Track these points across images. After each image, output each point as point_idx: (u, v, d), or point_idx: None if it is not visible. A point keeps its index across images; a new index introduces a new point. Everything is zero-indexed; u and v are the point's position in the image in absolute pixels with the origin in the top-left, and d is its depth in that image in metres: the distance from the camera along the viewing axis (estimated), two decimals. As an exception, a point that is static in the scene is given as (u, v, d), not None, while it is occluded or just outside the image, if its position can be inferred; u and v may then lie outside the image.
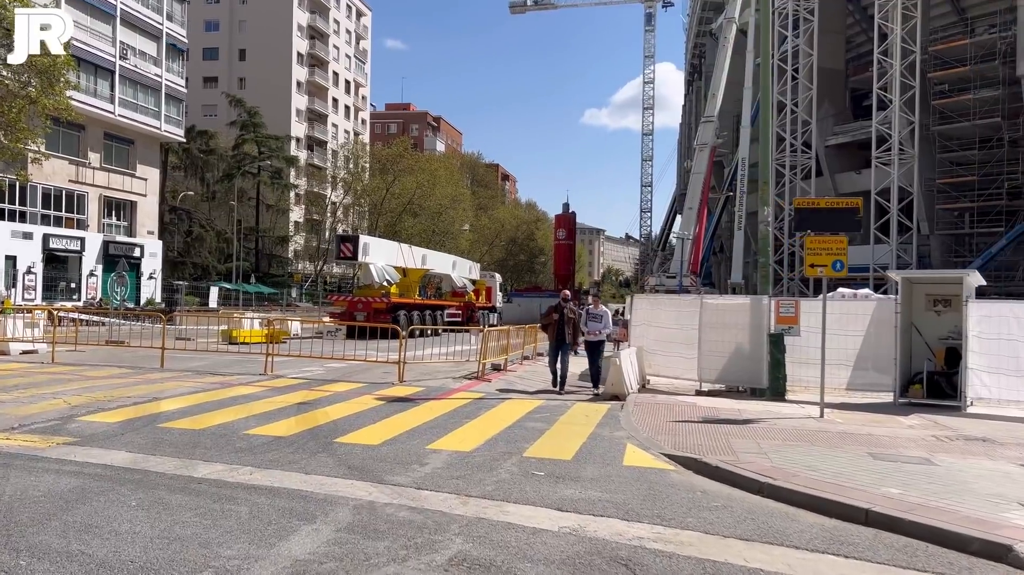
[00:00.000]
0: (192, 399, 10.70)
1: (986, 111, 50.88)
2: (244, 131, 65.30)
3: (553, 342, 13.90)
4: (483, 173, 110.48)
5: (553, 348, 13.91)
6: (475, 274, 42.94)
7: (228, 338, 21.76)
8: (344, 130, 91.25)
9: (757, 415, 11.05)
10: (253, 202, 65.97)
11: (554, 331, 13.83)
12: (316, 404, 10.70)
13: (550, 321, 13.96)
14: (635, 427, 9.72)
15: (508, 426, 9.46)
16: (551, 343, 14.00)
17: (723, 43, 52.99)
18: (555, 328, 13.80)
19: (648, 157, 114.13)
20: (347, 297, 32.19)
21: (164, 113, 44.66)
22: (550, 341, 14.04)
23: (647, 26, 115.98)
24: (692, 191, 47.87)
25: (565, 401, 12.26)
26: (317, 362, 15.61)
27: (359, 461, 7.17)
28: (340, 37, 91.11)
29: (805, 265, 11.23)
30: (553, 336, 13.86)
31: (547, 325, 14.11)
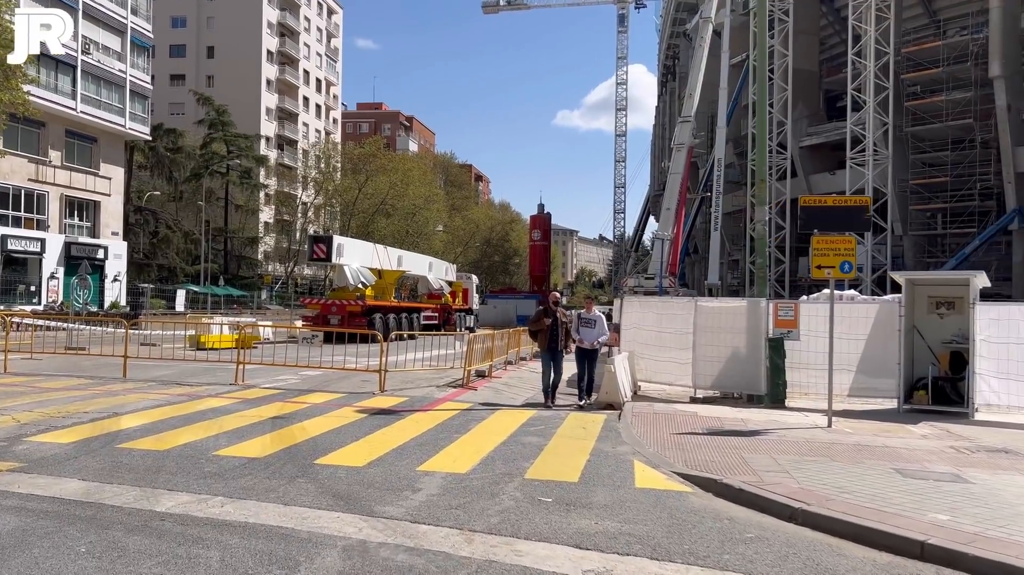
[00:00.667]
0: (156, 414, 9.83)
1: (958, 112, 51.14)
2: (212, 130, 63.83)
3: (545, 351, 12.29)
4: (456, 173, 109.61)
5: (546, 358, 12.30)
6: (451, 275, 42.14)
7: (196, 344, 20.79)
8: (315, 129, 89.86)
9: (763, 425, 10.44)
10: (222, 202, 64.49)
11: (546, 338, 12.18)
12: (292, 418, 9.89)
13: (541, 327, 12.25)
14: (638, 441, 9.06)
15: (503, 441, 8.75)
16: (543, 352, 12.41)
17: (699, 43, 52.62)
18: (547, 335, 12.16)
19: (621, 158, 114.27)
20: (320, 300, 31.24)
21: (129, 110, 43.30)
22: (541, 350, 12.46)
23: (620, 27, 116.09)
24: (670, 191, 47.46)
25: (557, 412, 11.56)
26: (291, 370, 14.74)
27: (344, 487, 6.40)
28: (311, 35, 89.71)
29: (811, 266, 10.65)
30: (545, 344, 12.23)
31: (537, 331, 12.45)
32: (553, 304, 12.63)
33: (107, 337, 19.82)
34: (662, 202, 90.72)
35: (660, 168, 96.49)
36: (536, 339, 12.76)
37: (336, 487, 6.39)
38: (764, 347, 13.15)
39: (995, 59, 48.63)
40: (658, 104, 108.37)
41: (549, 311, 12.45)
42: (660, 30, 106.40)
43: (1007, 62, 48.67)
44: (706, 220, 69.53)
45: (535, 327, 12.46)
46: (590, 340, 12.53)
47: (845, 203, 10.62)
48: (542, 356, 12.44)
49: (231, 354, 15.41)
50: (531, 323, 12.72)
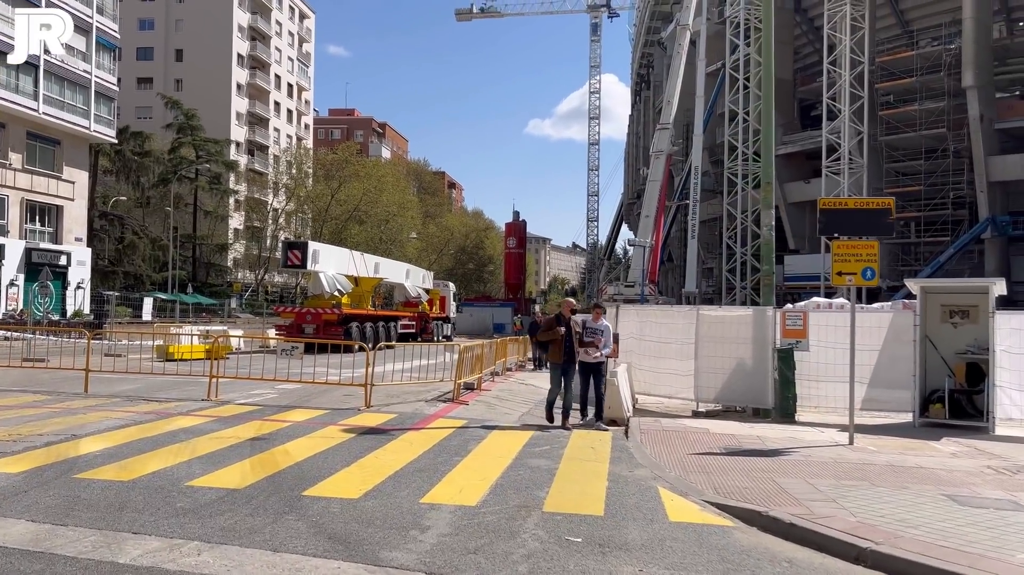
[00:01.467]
0: (121, 436, 8.85)
1: (932, 122, 51.43)
2: (181, 134, 62.25)
3: (558, 364, 11.04)
4: (430, 180, 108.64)
5: (556, 372, 11.06)
6: (429, 283, 41.21)
7: (164, 355, 19.69)
8: (287, 135, 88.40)
9: (782, 443, 9.74)
10: (190, 208, 62.87)
11: (560, 350, 10.92)
12: (273, 439, 8.97)
13: (554, 337, 10.95)
14: (656, 463, 8.29)
15: (508, 465, 7.92)
16: (553, 365, 11.18)
17: (677, 50, 52.51)
18: (561, 346, 10.91)
19: (594, 167, 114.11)
20: (294, 308, 30.15)
21: (94, 112, 41.84)
22: (552, 362, 11.21)
23: (593, 36, 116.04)
24: (648, 198, 47.12)
25: (560, 430, 10.76)
26: (267, 383, 13.73)
27: (340, 526, 5.54)
28: (283, 39, 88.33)
29: (832, 273, 9.98)
30: (559, 356, 10.97)
31: (547, 342, 11.21)
32: (569, 312, 11.33)
33: (68, 348, 18.65)
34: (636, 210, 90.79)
35: (634, 177, 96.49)
36: (546, 350, 11.54)
37: (331, 526, 5.52)
38: (772, 358, 12.49)
39: (968, 69, 48.95)
40: (631, 113, 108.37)
41: (563, 320, 11.15)
42: (633, 39, 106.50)
43: (980, 72, 49.04)
44: (681, 228, 69.37)
45: (547, 337, 11.18)
46: (597, 352, 11.39)
47: (866, 205, 9.98)
48: (552, 370, 11.26)
49: (202, 366, 14.41)
50: (542, 332, 11.47)
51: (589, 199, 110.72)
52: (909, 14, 57.97)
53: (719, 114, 61.83)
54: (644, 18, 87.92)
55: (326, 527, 5.49)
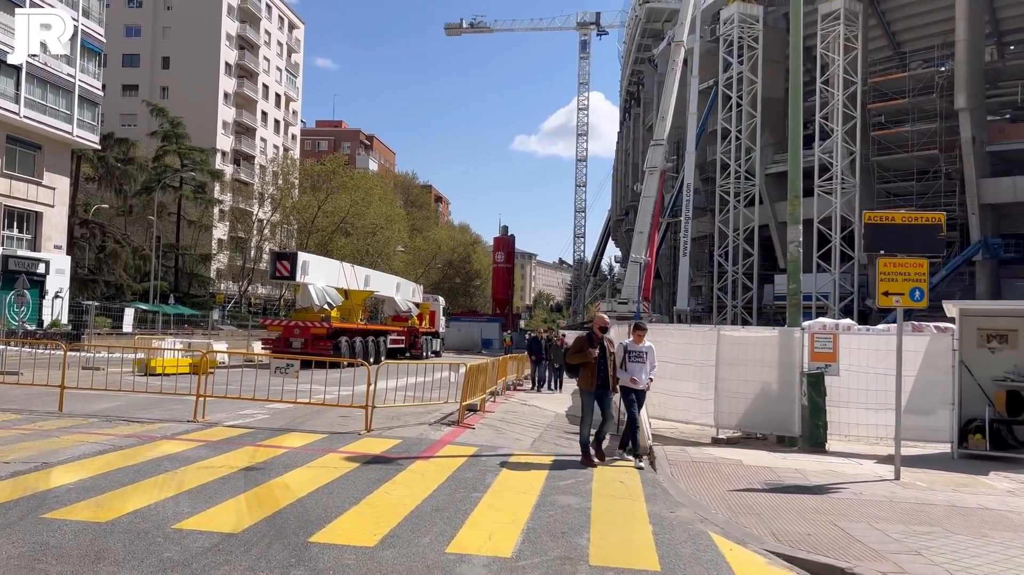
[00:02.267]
0: (98, 464, 7.91)
1: (924, 143, 51.35)
2: (166, 142, 61.11)
3: (589, 391, 9.56)
4: (417, 194, 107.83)
5: (589, 400, 9.63)
6: (418, 297, 40.30)
7: (145, 369, 18.69)
8: (273, 145, 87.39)
9: (824, 478, 8.95)
10: (174, 218, 61.66)
11: (593, 374, 9.44)
12: (269, 469, 8.06)
13: (587, 359, 9.45)
14: (697, 502, 7.47)
15: (536, 504, 7.07)
16: (585, 392, 9.67)
17: (671, 66, 52.07)
18: (594, 370, 9.44)
19: (582, 183, 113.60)
20: (282, 321, 29.13)
21: (77, 117, 40.75)
22: (583, 388, 9.66)
23: (582, 53, 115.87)
24: (642, 215, 46.55)
25: (579, 457, 9.91)
26: (257, 403, 12.74)
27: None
28: (271, 49, 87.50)
29: (877, 293, 9.26)
30: (591, 382, 9.48)
31: (579, 365, 9.61)
32: (600, 331, 9.77)
33: (43, 360, 17.57)
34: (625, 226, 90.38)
35: (622, 193, 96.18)
36: (575, 374, 9.89)
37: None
38: (799, 383, 11.73)
39: (961, 91, 48.93)
40: (620, 130, 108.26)
41: (595, 339, 9.62)
42: (623, 57, 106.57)
43: (972, 94, 49.03)
44: (669, 246, 68.94)
45: (577, 360, 9.59)
46: (642, 378, 9.97)
47: (915, 220, 9.25)
48: (583, 397, 9.74)
49: (187, 382, 13.47)
50: (572, 355, 9.74)
51: (576, 215, 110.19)
52: (901, 36, 58.12)
53: (710, 132, 61.59)
54: (634, 36, 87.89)
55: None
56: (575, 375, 9.87)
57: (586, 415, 9.67)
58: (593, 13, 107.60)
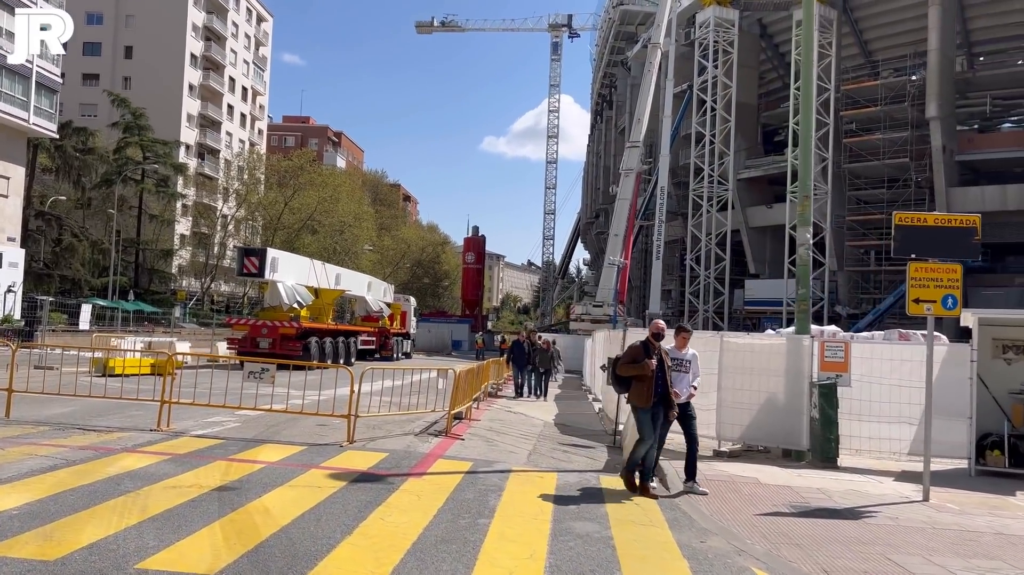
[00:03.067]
0: (48, 483, 6.92)
1: (895, 151, 51.65)
2: (128, 133, 59.10)
3: (647, 408, 8.13)
4: (386, 192, 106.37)
5: (646, 418, 8.15)
6: (389, 297, 39.25)
7: (103, 369, 17.54)
8: (239, 139, 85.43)
9: (850, 499, 8.30)
10: (134, 211, 59.68)
11: (650, 389, 8.07)
12: (246, 489, 7.14)
13: (644, 372, 8.08)
14: (724, 528, 6.74)
15: (552, 532, 6.27)
16: (639, 411, 8.25)
17: (648, 68, 51.79)
18: (651, 385, 8.08)
19: (552, 185, 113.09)
20: (248, 320, 27.93)
21: (33, 104, 39.00)
22: (638, 405, 8.25)
23: (553, 55, 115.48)
24: (618, 217, 46.08)
25: (583, 473, 9.15)
26: (225, 410, 11.68)
27: (367, 646, 3.82)
28: (238, 41, 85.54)
29: (908, 300, 8.64)
30: (647, 399, 8.09)
31: (633, 379, 8.25)
32: (654, 337, 8.43)
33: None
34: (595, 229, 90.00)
35: (593, 196, 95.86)
36: (625, 389, 8.50)
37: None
38: (808, 393, 11.10)
39: (932, 100, 49.28)
40: (591, 133, 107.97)
41: (651, 348, 8.24)
42: (594, 60, 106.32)
43: (943, 104, 49.41)
44: (640, 249, 68.62)
45: (632, 372, 8.19)
46: (683, 390, 8.76)
47: (948, 223, 8.63)
48: (639, 415, 8.25)
49: (148, 384, 12.42)
50: (625, 366, 8.32)
51: (545, 217, 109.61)
52: (873, 44, 58.49)
53: (683, 136, 61.41)
54: (607, 38, 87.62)
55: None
56: (625, 389, 8.49)
57: (646, 433, 8.15)
58: (565, 15, 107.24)
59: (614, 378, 8.80)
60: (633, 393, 8.33)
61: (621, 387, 8.72)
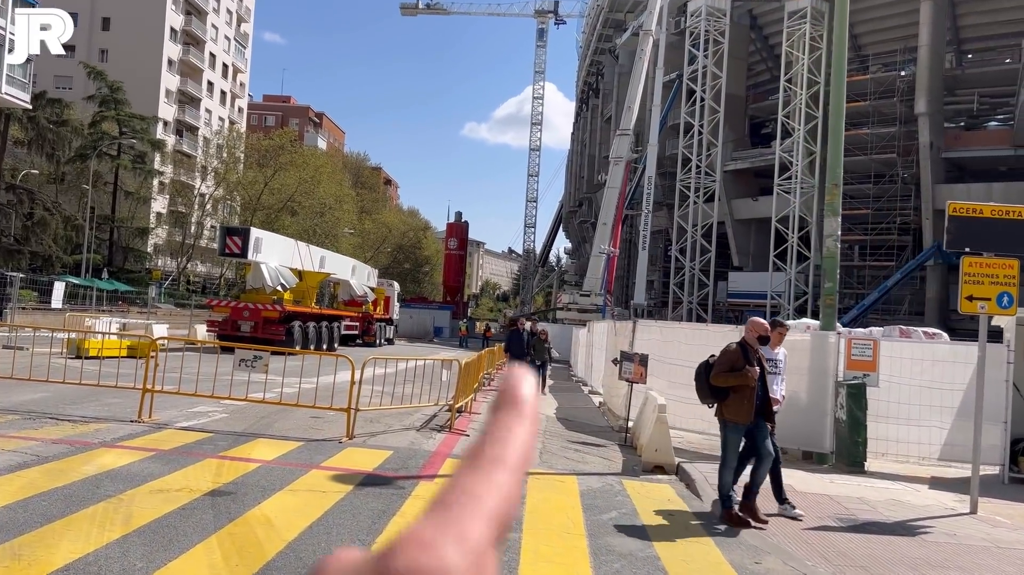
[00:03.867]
0: (16, 486, 6.10)
1: (882, 146, 51.50)
2: (104, 107, 57.33)
3: (742, 425, 6.93)
4: (368, 175, 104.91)
5: (736, 435, 7.02)
6: (373, 281, 38.33)
7: (77, 351, 16.58)
8: (219, 117, 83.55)
9: (895, 511, 7.70)
10: (110, 188, 58.03)
11: (751, 401, 6.85)
12: (242, 493, 6.36)
13: (745, 382, 6.80)
14: (779, 547, 6.09)
15: (590, 550, 5.58)
16: (734, 428, 6.99)
17: (639, 55, 51.07)
18: (752, 396, 6.85)
19: (534, 173, 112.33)
20: (230, 302, 26.95)
21: (6, 72, 37.45)
22: (734, 420, 6.94)
23: (539, 42, 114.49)
24: (607, 206, 45.44)
25: (603, 477, 8.47)
26: (211, 399, 10.82)
27: None
28: (220, 16, 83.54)
29: (960, 297, 8.02)
30: (746, 413, 6.85)
31: (730, 390, 6.91)
32: (760, 341, 7.12)
33: (-43, 339, 15.34)
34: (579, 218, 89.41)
35: (577, 184, 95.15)
36: (720, 399, 7.02)
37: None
38: (834, 393, 10.51)
39: (921, 96, 49.15)
40: (576, 121, 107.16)
41: (751, 353, 6.95)
42: (581, 47, 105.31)
43: (932, 100, 49.30)
44: (624, 239, 68.11)
45: (733, 382, 6.82)
46: (778, 396, 7.65)
47: (1006, 214, 8.01)
48: (730, 433, 7.00)
49: (127, 369, 11.56)
50: (720, 374, 6.89)
51: (528, 205, 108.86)
52: (862, 39, 58.19)
53: (670, 126, 60.86)
54: (595, 26, 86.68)
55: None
56: (720, 399, 6.98)
57: (730, 456, 6.99)
58: (551, 1, 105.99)
59: (706, 389, 7.11)
60: (730, 407, 6.89)
61: (714, 398, 7.11)
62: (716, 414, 7.16)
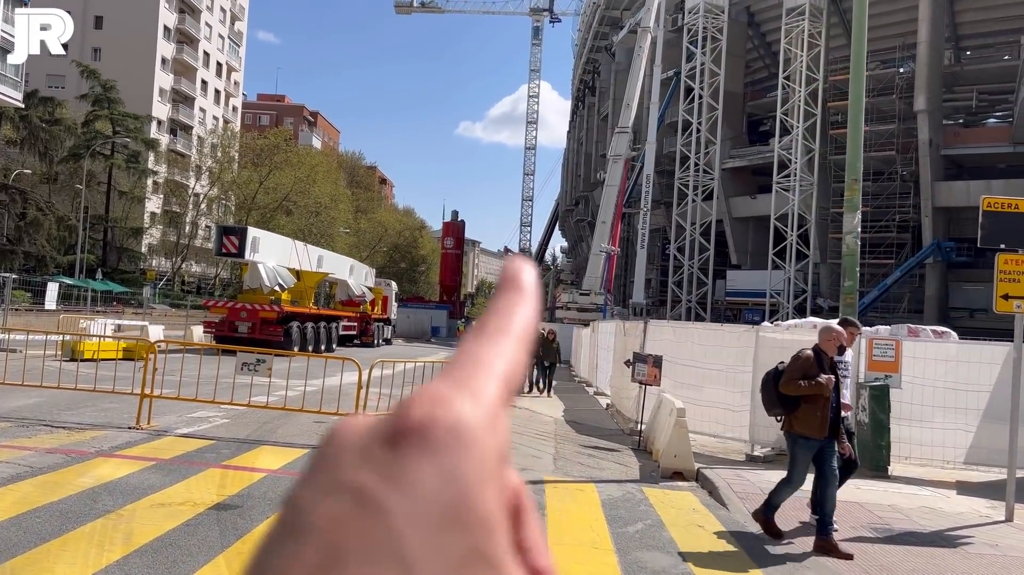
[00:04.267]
0: (7, 501, 5.72)
1: (881, 144, 51.29)
2: (97, 106, 56.77)
3: (815, 440, 6.16)
4: (363, 174, 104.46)
5: (807, 454, 6.25)
6: (370, 281, 37.96)
7: (72, 353, 16.21)
8: (213, 116, 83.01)
9: (929, 519, 7.38)
10: (103, 187, 57.50)
11: (825, 414, 6.12)
12: (248, 507, 6.00)
13: (820, 392, 6.07)
14: (818, 561, 5.76)
15: (623, 566, 5.24)
16: (805, 443, 6.21)
17: (637, 52, 50.79)
18: (827, 408, 6.13)
19: (530, 171, 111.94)
20: (227, 303, 26.56)
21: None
22: (806, 434, 6.17)
23: (534, 40, 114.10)
24: (606, 204, 45.14)
25: (621, 484, 8.13)
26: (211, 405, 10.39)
27: None
28: (214, 14, 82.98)
29: (996, 296, 7.71)
30: (823, 426, 6.11)
31: (802, 400, 6.17)
32: (833, 342, 6.35)
33: (-52, 341, 14.90)
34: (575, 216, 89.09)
35: (573, 183, 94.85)
36: (790, 410, 6.24)
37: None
38: (855, 395, 10.18)
39: (920, 93, 48.97)
40: (572, 119, 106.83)
41: (825, 361, 6.22)
42: (576, 45, 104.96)
43: (931, 97, 49.11)
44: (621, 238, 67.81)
45: (807, 391, 6.08)
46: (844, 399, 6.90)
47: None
48: (800, 449, 6.25)
49: (124, 371, 11.17)
50: (790, 382, 6.13)
51: (524, 204, 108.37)
52: (860, 35, 57.92)
53: (667, 124, 60.57)
54: (591, 23, 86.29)
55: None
56: (790, 410, 6.23)
57: (797, 473, 6.24)
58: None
59: (775, 398, 6.29)
60: (801, 419, 6.14)
61: (781, 409, 6.30)
62: (783, 427, 6.43)
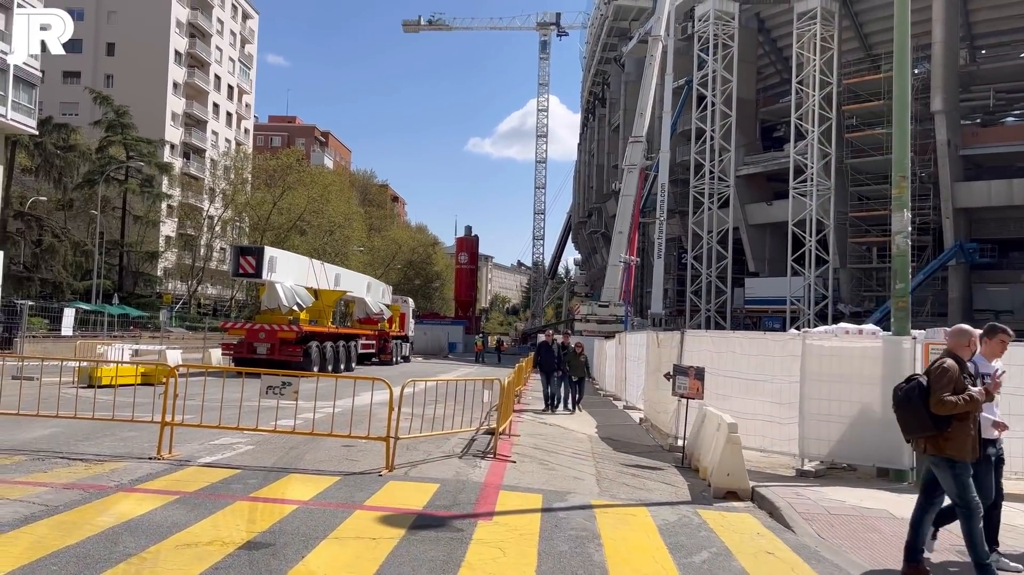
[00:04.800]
0: (22, 545, 5.27)
1: (898, 146, 50.37)
2: (111, 132, 56.99)
3: (965, 463, 5.42)
4: (375, 193, 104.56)
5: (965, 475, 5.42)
6: (387, 298, 37.60)
7: (89, 379, 15.83)
8: (225, 138, 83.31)
9: (1013, 537, 6.81)
10: (118, 212, 57.59)
11: (977, 433, 5.51)
12: (281, 544, 5.51)
13: (968, 409, 5.34)
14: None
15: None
16: (959, 463, 5.40)
17: (649, 61, 50.45)
18: (977, 425, 5.53)
19: (541, 185, 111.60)
20: (244, 324, 26.20)
21: (11, 99, 37.02)
22: (957, 457, 5.40)
23: (542, 54, 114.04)
24: (622, 214, 44.65)
25: (675, 506, 7.59)
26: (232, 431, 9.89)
27: None
28: (224, 38, 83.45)
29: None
30: (975, 446, 5.46)
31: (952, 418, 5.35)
32: (962, 349, 5.67)
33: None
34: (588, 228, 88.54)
35: (585, 195, 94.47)
36: (941, 428, 5.36)
37: None
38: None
39: (937, 94, 48.33)
40: (583, 132, 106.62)
41: (964, 363, 5.59)
42: (585, 58, 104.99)
43: (948, 97, 48.45)
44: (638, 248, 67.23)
45: (960, 408, 5.29)
46: (986, 424, 5.90)
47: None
48: (957, 476, 5.39)
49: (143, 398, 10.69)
50: (940, 399, 5.27)
51: (535, 217, 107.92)
52: (873, 38, 57.44)
53: (680, 133, 60.08)
54: (599, 35, 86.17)
55: None
56: (942, 429, 5.36)
57: (971, 499, 5.39)
58: (553, 13, 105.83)
59: (927, 418, 5.39)
60: (953, 441, 5.34)
61: (938, 426, 5.37)
62: (926, 451, 5.57)
